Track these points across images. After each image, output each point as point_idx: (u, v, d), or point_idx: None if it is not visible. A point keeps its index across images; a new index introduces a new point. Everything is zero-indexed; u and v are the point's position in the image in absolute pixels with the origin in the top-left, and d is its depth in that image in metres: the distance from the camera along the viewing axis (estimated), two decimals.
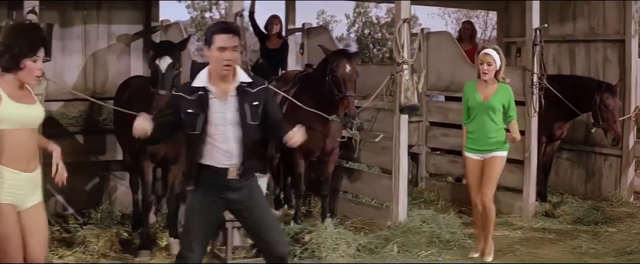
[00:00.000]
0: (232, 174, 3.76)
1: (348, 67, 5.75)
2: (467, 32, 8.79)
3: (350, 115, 5.64)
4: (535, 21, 7.05)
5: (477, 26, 10.01)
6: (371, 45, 14.43)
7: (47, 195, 4.47)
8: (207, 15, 15.39)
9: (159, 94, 5.23)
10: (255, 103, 3.80)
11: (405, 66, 6.26)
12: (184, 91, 3.83)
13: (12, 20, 6.34)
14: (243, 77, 3.83)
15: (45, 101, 5.43)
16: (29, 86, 3.62)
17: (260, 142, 4.39)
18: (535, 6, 7.06)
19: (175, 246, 5.80)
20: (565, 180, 8.45)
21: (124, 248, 5.91)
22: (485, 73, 5.48)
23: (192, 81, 3.83)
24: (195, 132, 3.75)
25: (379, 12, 14.62)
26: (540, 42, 7.00)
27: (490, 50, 5.52)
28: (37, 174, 3.63)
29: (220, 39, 3.70)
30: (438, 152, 8.40)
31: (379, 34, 14.96)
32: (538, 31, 7.01)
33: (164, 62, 5.33)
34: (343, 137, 6.47)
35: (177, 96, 3.84)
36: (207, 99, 3.75)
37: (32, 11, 5.23)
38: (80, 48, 7.24)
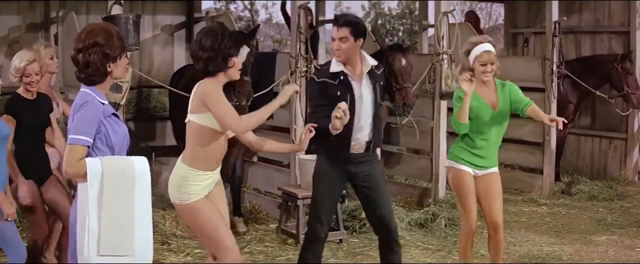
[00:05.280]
0: (359, 149, 4.20)
1: (404, 61, 6.25)
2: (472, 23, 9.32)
3: (409, 104, 6.15)
4: (555, 14, 7.65)
5: (481, 17, 10.59)
6: (383, 35, 14.98)
7: None
8: (232, 7, 15.69)
9: (244, 80, 5.61)
10: (381, 83, 4.30)
11: (444, 56, 6.78)
12: (327, 76, 4.17)
13: (62, 12, 6.68)
14: (371, 61, 4.25)
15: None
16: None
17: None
18: (555, 3, 7.64)
19: (240, 225, 6.23)
20: (571, 162, 9.09)
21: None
22: (487, 74, 4.42)
23: (328, 67, 4.22)
24: None
25: (391, 3, 15.26)
26: (559, 33, 7.61)
27: (490, 47, 4.44)
28: (220, 165, 3.77)
29: (332, 30, 4.19)
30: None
31: (389, 25, 15.54)
32: (557, 24, 7.61)
33: (244, 51, 5.71)
34: (396, 124, 6.95)
35: (322, 82, 4.16)
36: (349, 81, 4.16)
37: (117, 2, 5.56)
38: None
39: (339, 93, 4.13)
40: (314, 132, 3.87)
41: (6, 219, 4.05)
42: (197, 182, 3.63)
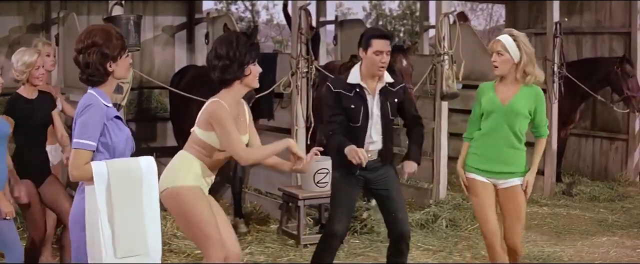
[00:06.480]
0: (373, 157, 4.28)
1: (404, 62, 6.26)
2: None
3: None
4: (556, 15, 7.64)
5: (482, 18, 10.59)
6: None
7: None
8: (233, 8, 15.70)
9: None
10: (395, 100, 4.33)
11: (445, 57, 6.77)
12: (343, 87, 4.25)
13: (63, 13, 6.68)
14: (387, 78, 4.31)
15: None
16: (246, 112, 3.71)
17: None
18: (556, 4, 7.64)
19: (241, 226, 6.23)
20: (572, 162, 9.08)
21: None
22: (495, 66, 4.15)
23: (346, 78, 4.28)
24: (356, 124, 4.20)
25: (392, 4, 15.25)
26: (560, 34, 7.61)
27: (501, 37, 4.15)
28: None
29: (377, 44, 4.17)
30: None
31: (390, 26, 15.56)
32: (558, 24, 7.61)
33: None
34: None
35: (337, 93, 4.24)
36: (365, 95, 4.23)
37: (118, 3, 5.56)
38: None
39: (353, 106, 4.21)
40: (319, 155, 3.83)
41: (4, 218, 4.05)
42: (196, 170, 3.61)
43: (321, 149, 3.88)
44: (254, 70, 3.61)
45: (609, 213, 6.97)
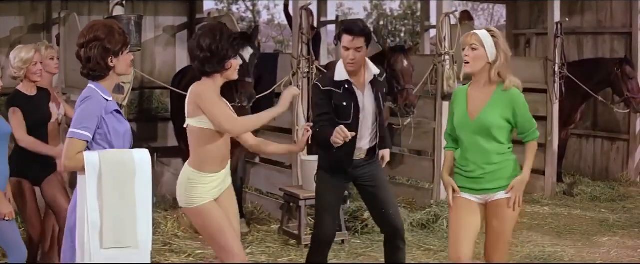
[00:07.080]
0: (361, 155, 4.23)
1: (405, 62, 6.25)
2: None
3: (410, 105, 6.16)
4: (557, 15, 7.65)
5: (483, 18, 10.58)
6: (385, 36, 14.99)
7: None
8: (234, 8, 15.68)
9: (246, 81, 5.59)
10: (384, 89, 4.29)
11: (446, 57, 6.77)
12: (332, 85, 4.14)
13: (64, 13, 6.68)
14: (374, 69, 4.23)
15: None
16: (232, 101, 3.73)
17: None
18: (557, 4, 7.65)
19: (243, 226, 6.20)
20: (573, 163, 9.08)
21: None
22: (466, 62, 3.66)
23: (333, 75, 4.18)
24: (347, 122, 4.09)
25: (393, 4, 15.25)
26: (561, 34, 7.61)
27: (477, 30, 3.71)
28: (228, 166, 3.71)
29: (345, 39, 4.08)
30: None
31: (391, 26, 15.56)
32: (559, 25, 7.61)
33: (247, 52, 5.71)
34: (398, 125, 6.94)
35: (327, 91, 4.14)
36: (354, 90, 4.15)
37: (119, 3, 5.57)
38: None
39: (344, 103, 4.12)
40: (310, 132, 3.84)
41: (3, 219, 4.05)
42: (203, 185, 3.59)
43: (311, 124, 3.86)
44: (235, 63, 3.59)
45: (610, 213, 6.97)
